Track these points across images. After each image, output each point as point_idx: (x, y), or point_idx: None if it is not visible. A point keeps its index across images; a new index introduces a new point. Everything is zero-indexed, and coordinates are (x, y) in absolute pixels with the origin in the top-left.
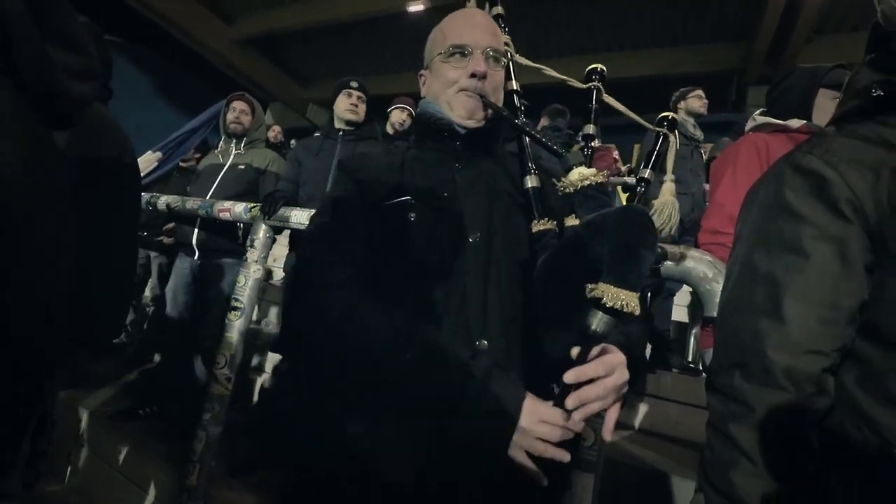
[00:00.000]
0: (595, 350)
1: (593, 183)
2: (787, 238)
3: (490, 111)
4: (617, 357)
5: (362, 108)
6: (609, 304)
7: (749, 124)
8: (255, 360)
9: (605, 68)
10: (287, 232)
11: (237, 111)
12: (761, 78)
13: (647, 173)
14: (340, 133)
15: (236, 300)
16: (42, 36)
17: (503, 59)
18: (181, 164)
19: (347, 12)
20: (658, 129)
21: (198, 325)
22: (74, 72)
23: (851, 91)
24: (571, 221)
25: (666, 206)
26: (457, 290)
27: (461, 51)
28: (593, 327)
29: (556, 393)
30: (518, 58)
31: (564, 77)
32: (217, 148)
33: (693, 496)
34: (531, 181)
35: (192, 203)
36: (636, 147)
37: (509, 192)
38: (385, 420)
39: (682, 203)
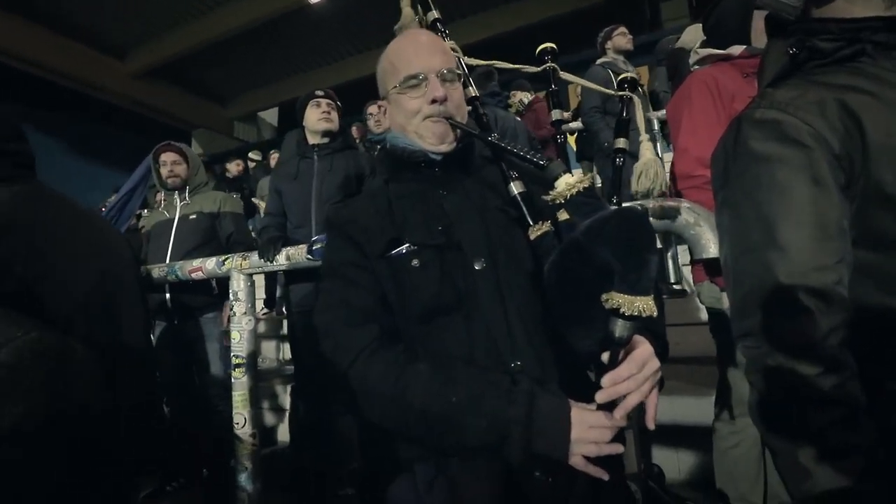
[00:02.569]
0: (623, 350)
1: (581, 189)
2: (764, 181)
3: (460, 131)
4: (645, 350)
5: (335, 115)
6: (628, 314)
7: (692, 58)
8: (266, 402)
9: (555, 46)
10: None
11: (169, 164)
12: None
13: (622, 143)
14: (315, 149)
15: (237, 357)
16: None
17: (458, 74)
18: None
19: (244, 20)
20: (621, 93)
21: (198, 388)
22: None
23: (771, 61)
24: (564, 216)
25: (650, 166)
26: (477, 320)
27: (415, 79)
28: (618, 334)
29: (593, 381)
30: (467, 59)
31: (517, 66)
32: (159, 204)
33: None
34: (516, 187)
35: (157, 271)
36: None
37: (499, 208)
38: (450, 464)
39: (632, 138)
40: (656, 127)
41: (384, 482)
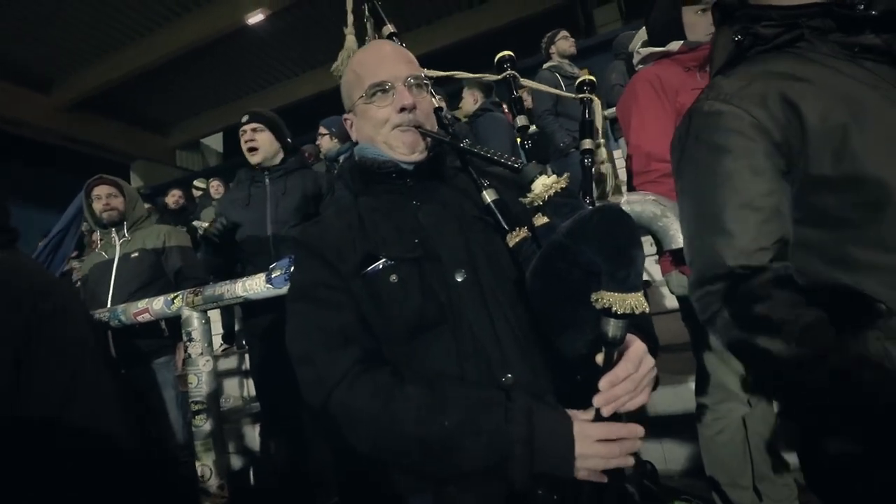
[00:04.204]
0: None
1: (558, 190)
2: (709, 170)
3: (430, 139)
4: (639, 348)
5: (263, 138)
6: (620, 312)
7: (635, 59)
8: (232, 445)
9: (513, 55)
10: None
11: (104, 198)
12: None
13: (587, 144)
14: (266, 172)
15: (195, 402)
16: None
17: (425, 83)
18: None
19: (178, 44)
20: (580, 96)
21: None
22: None
23: (719, 48)
24: (541, 220)
25: (606, 170)
26: (464, 333)
27: (381, 88)
28: (611, 334)
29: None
30: (428, 72)
31: (478, 75)
32: (96, 244)
33: None
34: (489, 195)
35: (98, 315)
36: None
37: (476, 216)
38: (449, 492)
39: None
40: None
41: None
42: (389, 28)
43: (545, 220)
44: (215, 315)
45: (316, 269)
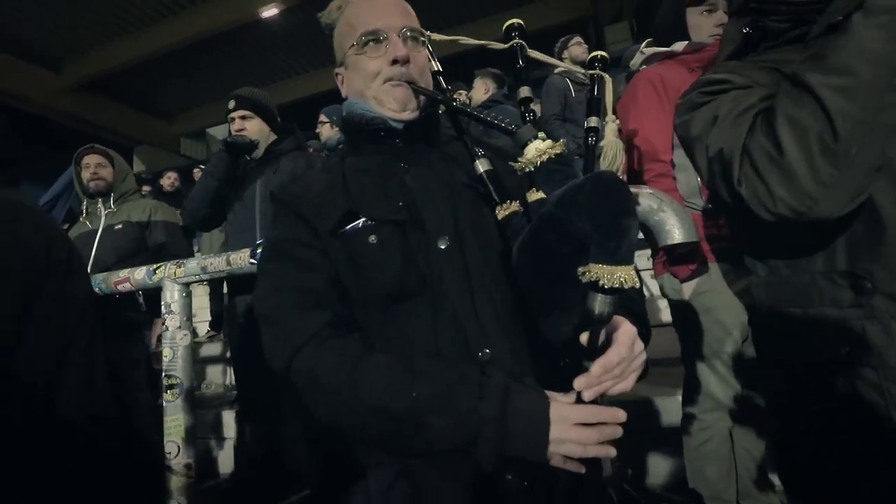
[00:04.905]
0: (604, 330)
1: (552, 156)
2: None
3: (423, 98)
4: (629, 330)
5: (253, 124)
6: (608, 286)
7: (638, 58)
8: (207, 430)
9: (522, 22)
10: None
11: (92, 166)
12: (613, 17)
13: (594, 121)
14: (257, 160)
15: (169, 376)
16: None
17: (422, 37)
18: None
19: (191, 33)
20: (591, 72)
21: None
22: None
23: (728, 38)
24: (534, 196)
25: (610, 147)
26: (443, 304)
27: (375, 37)
28: (597, 311)
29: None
30: (432, 35)
31: (483, 42)
32: (82, 214)
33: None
34: (481, 165)
35: None
36: None
37: (466, 183)
38: (414, 469)
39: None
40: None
41: (334, 494)
42: None
43: (539, 195)
44: (204, 301)
45: (291, 226)
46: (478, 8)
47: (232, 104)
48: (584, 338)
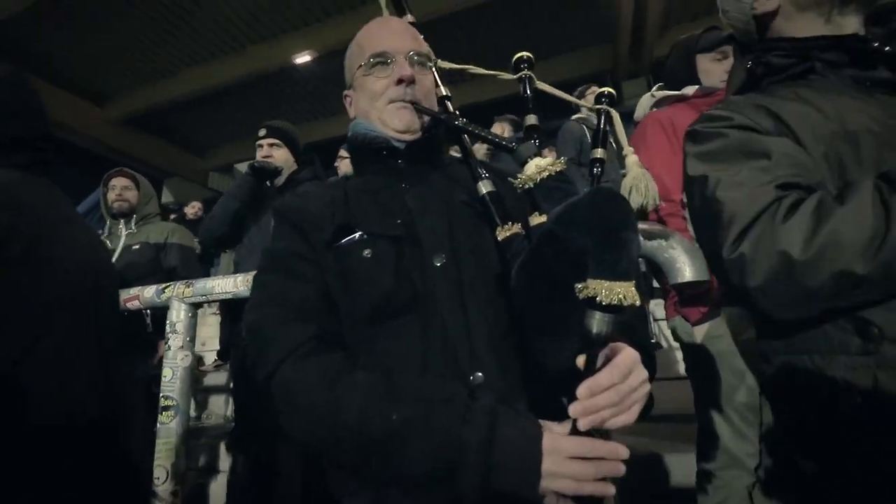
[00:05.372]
0: (602, 354)
1: (552, 173)
2: (716, 151)
3: (427, 119)
4: (629, 355)
5: (280, 153)
6: (606, 302)
7: (648, 102)
8: (201, 461)
9: (531, 56)
10: (212, 307)
11: (119, 188)
12: (631, 72)
13: (599, 153)
14: (276, 188)
15: (166, 398)
16: None
17: (429, 62)
18: None
19: (228, 76)
20: (598, 107)
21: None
22: None
23: (734, 75)
24: (537, 220)
25: (639, 180)
26: (434, 323)
27: (382, 59)
28: (595, 330)
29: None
30: (441, 63)
31: (492, 72)
32: (104, 234)
33: None
34: (484, 187)
35: None
36: None
37: (466, 202)
38: (389, 497)
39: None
40: None
41: None
42: (410, 18)
43: (542, 219)
44: (215, 330)
45: (287, 238)
46: (497, 60)
47: (263, 132)
48: (580, 361)
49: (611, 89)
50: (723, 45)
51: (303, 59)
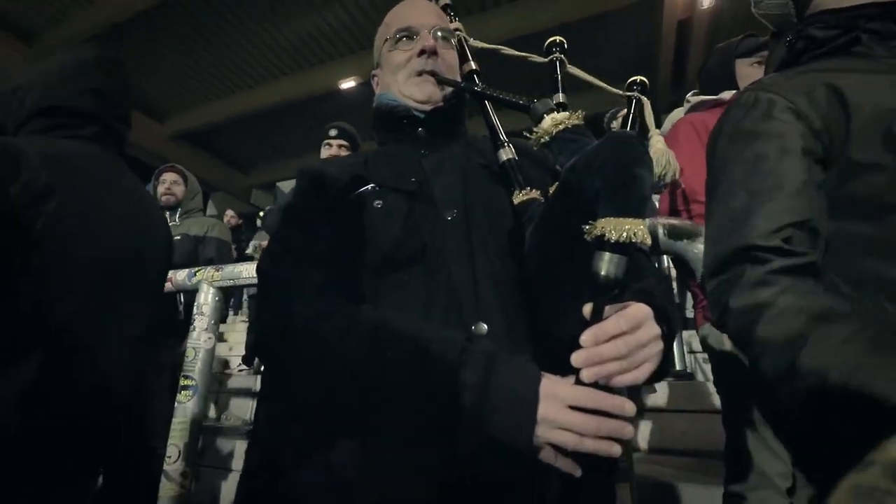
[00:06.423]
0: (612, 308)
1: (569, 126)
2: (739, 155)
3: (448, 91)
4: (640, 308)
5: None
6: (614, 239)
7: (678, 115)
8: (217, 459)
9: (563, 40)
10: (241, 315)
11: (168, 182)
12: (671, 104)
13: None
14: None
15: (186, 377)
16: None
17: (452, 38)
18: None
19: (277, 98)
20: (629, 93)
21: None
22: None
23: (773, 56)
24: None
25: (661, 155)
26: (441, 275)
27: (407, 33)
28: (603, 272)
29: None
30: (473, 42)
31: (524, 54)
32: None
33: None
34: (505, 154)
35: None
36: None
37: (483, 165)
38: (379, 446)
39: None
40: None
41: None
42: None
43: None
44: (242, 336)
45: (306, 194)
46: (538, 91)
47: (334, 132)
48: (587, 310)
49: (644, 79)
50: (762, 49)
51: (348, 84)
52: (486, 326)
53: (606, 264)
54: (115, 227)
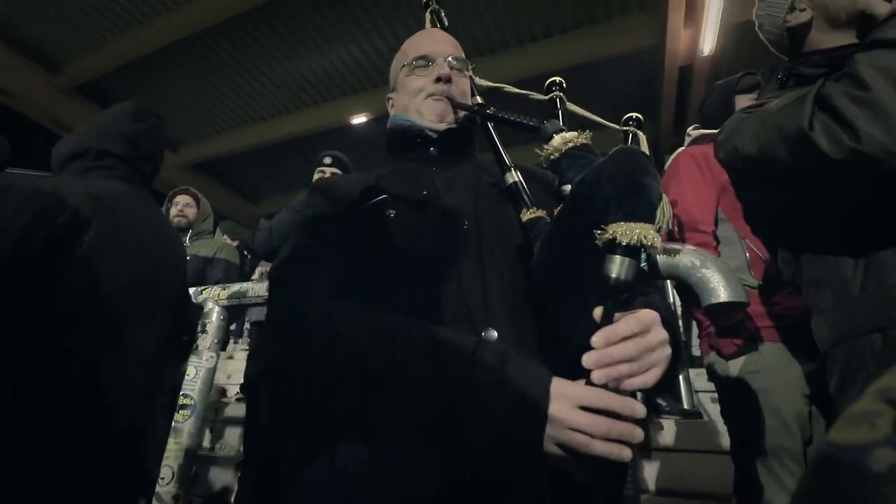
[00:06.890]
0: (621, 314)
1: (578, 144)
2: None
3: (460, 113)
4: (648, 313)
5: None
6: (625, 242)
7: (686, 142)
8: (210, 489)
9: (563, 80)
10: (241, 343)
11: (181, 205)
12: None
13: None
14: None
15: (185, 396)
16: None
17: (466, 67)
18: None
19: (289, 132)
20: (626, 128)
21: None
22: None
23: (765, 91)
24: None
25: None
26: (451, 281)
27: (424, 60)
28: (614, 275)
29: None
30: (478, 80)
31: (526, 91)
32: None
33: None
34: (511, 176)
35: None
36: None
37: (493, 184)
38: (381, 446)
39: None
40: None
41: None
42: (434, 5)
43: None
44: (241, 365)
45: (318, 205)
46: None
47: (328, 160)
48: (597, 312)
49: (639, 116)
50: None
51: (359, 119)
52: (496, 333)
53: (617, 267)
54: (139, 255)
